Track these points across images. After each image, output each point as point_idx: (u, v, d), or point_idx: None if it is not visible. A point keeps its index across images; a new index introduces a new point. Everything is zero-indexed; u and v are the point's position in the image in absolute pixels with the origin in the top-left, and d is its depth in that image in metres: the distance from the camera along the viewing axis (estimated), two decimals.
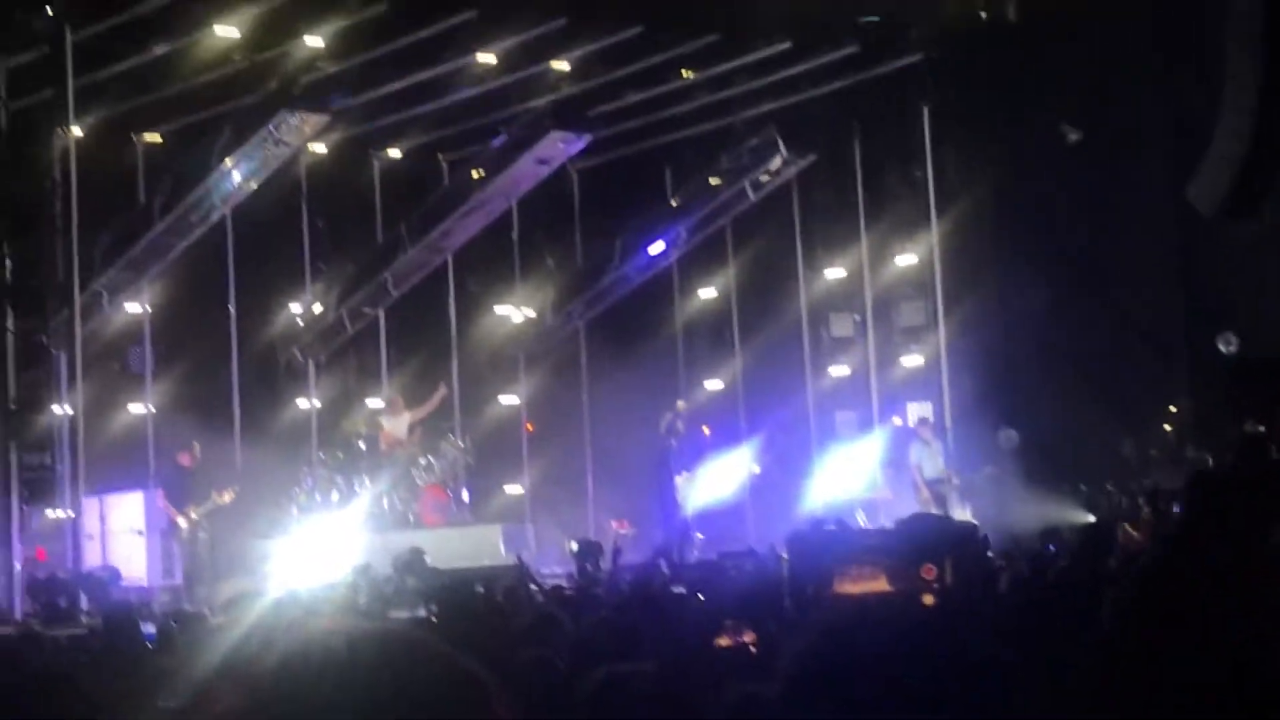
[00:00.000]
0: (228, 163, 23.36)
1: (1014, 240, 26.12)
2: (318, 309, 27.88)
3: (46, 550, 21.70)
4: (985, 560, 14.66)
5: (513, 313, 29.35)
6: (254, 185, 24.03)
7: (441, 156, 28.86)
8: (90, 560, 22.29)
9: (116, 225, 24.30)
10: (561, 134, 25.10)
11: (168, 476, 23.97)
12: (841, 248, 28.66)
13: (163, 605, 20.58)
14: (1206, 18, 19.91)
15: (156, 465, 25.08)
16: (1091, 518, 22.34)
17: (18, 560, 21.13)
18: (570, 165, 28.26)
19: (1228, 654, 2.88)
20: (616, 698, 5.72)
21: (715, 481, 26.27)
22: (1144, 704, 2.93)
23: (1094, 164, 25.28)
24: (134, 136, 25.81)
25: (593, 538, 23.70)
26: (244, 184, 23.86)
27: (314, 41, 22.59)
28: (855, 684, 2.59)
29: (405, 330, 28.85)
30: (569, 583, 19.32)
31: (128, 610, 14.27)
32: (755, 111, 27.15)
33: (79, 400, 21.63)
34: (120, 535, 24.04)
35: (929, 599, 12.11)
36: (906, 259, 27.81)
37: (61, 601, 19.91)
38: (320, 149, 26.72)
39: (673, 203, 29.05)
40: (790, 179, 28.44)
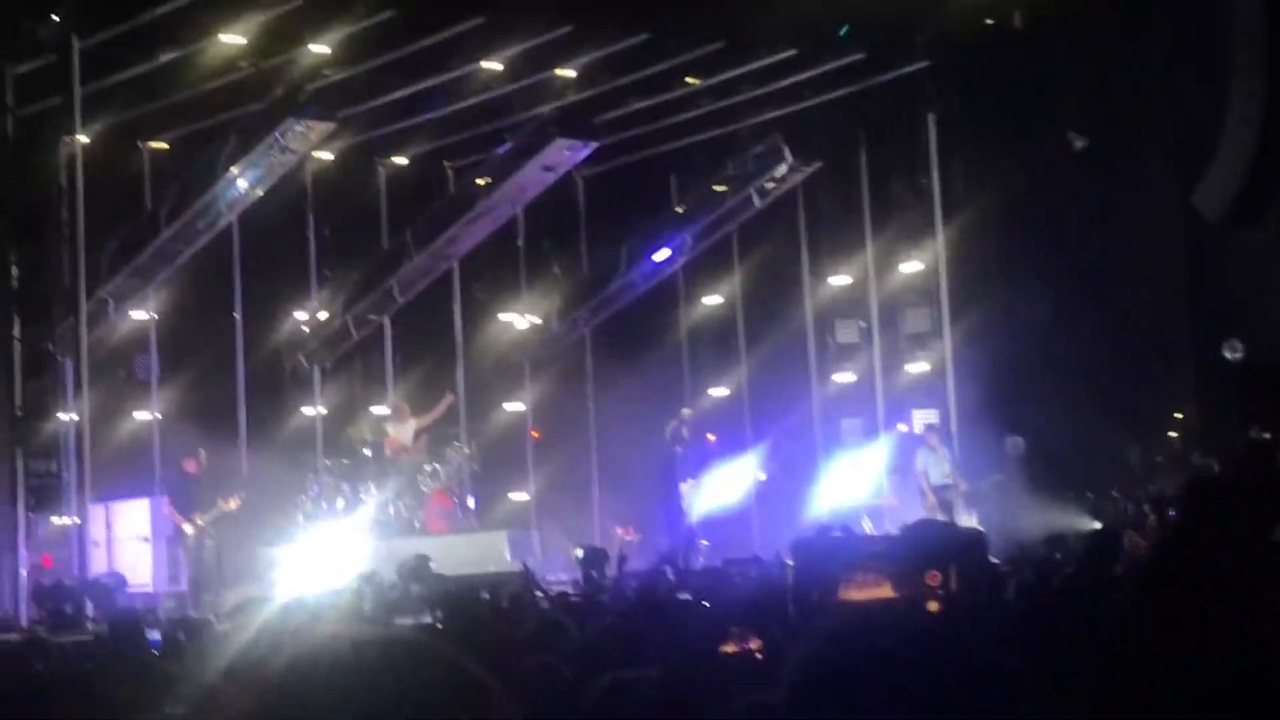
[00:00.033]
0: (234, 170, 23.35)
1: (1020, 247, 26.08)
2: (323, 316, 27.87)
3: (52, 557, 21.68)
4: (990, 567, 14.66)
5: (518, 320, 29.32)
6: (260, 192, 24.01)
7: (447, 163, 28.85)
8: (96, 567, 22.28)
9: (123, 232, 24.29)
10: (567, 141, 25.08)
11: (174, 483, 23.96)
12: (847, 255, 28.64)
13: (168, 612, 20.61)
14: (1212, 25, 19.92)
15: (162, 472, 25.08)
16: (1097, 525, 22.31)
17: (24, 567, 21.16)
18: (576, 172, 28.24)
19: (1228, 659, 2.88)
20: (622, 704, 5.71)
21: (721, 488, 26.25)
22: (1145, 709, 2.93)
23: (1100, 171, 25.26)
24: (140, 144, 25.82)
25: (598, 544, 23.71)
26: (250, 191, 23.84)
27: (320, 49, 22.61)
28: (860, 690, 2.59)
29: (411, 337, 28.84)
30: (574, 589, 19.31)
31: (133, 617, 14.28)
32: (761, 119, 27.10)
33: (85, 407, 21.61)
34: (126, 542, 24.06)
35: (934, 605, 12.10)
36: (912, 266, 27.78)
37: (67, 608, 19.91)
38: (326, 156, 26.70)
39: (678, 210, 29.04)
40: (796, 186, 28.41)
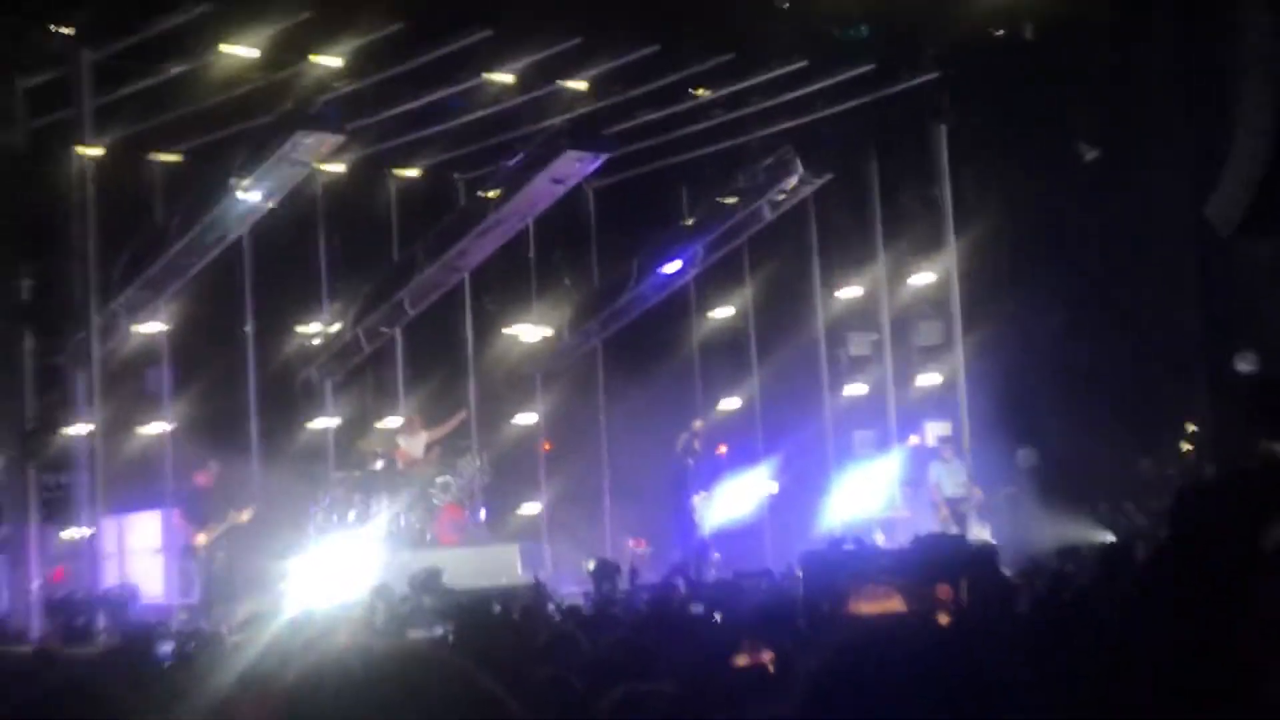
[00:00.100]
0: (244, 182, 23.32)
1: (1031, 259, 26.08)
2: (334, 328, 27.87)
3: (65, 570, 21.71)
4: (1001, 579, 14.63)
5: (529, 332, 29.30)
6: (270, 205, 24.00)
7: (457, 176, 28.86)
8: (108, 580, 22.29)
9: (133, 245, 24.27)
10: (577, 153, 25.05)
11: (185, 496, 23.94)
12: (859, 267, 28.62)
13: (180, 624, 20.59)
14: (1223, 36, 19.91)
15: (174, 484, 25.04)
16: (1110, 537, 22.30)
17: (36, 580, 21.17)
18: (586, 184, 28.24)
19: (1223, 662, 2.88)
20: (633, 717, 5.71)
21: (732, 501, 26.24)
22: (1146, 712, 2.93)
23: (1111, 182, 25.25)
24: (151, 156, 25.83)
25: (610, 557, 23.68)
26: (260, 204, 23.82)
27: (330, 61, 22.61)
28: (870, 703, 2.59)
29: (422, 350, 28.82)
30: (586, 602, 19.28)
31: (145, 629, 14.31)
32: (771, 130, 27.05)
33: (97, 420, 21.63)
34: (138, 555, 24.08)
35: (944, 618, 12.08)
36: (924, 278, 27.77)
37: (79, 621, 19.92)
38: (336, 169, 26.73)
39: (689, 222, 29.01)
40: (807, 198, 28.40)
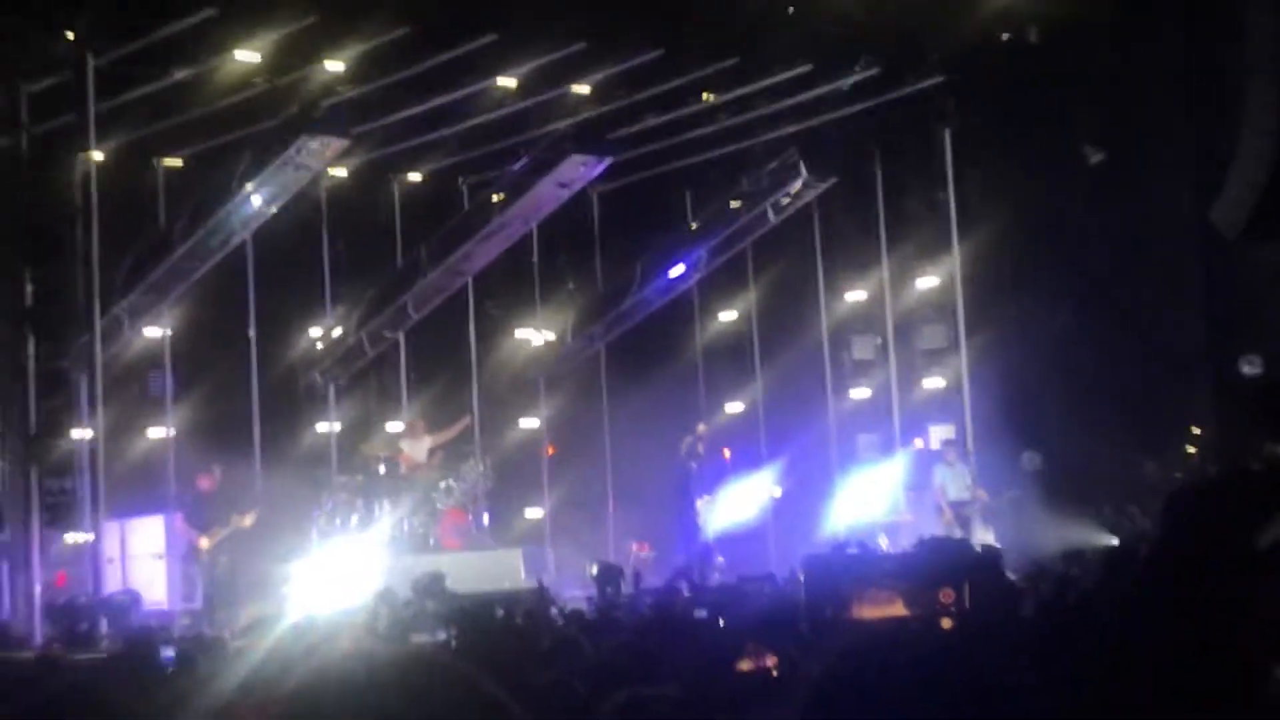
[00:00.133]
0: (248, 187, 23.34)
1: (1036, 262, 26.05)
2: (338, 332, 27.88)
3: (67, 574, 21.69)
4: (1005, 583, 14.60)
5: (533, 336, 29.33)
6: (274, 209, 23.99)
7: (461, 180, 28.87)
8: (111, 584, 22.27)
9: (137, 249, 24.30)
10: (582, 157, 25.06)
11: (188, 500, 23.93)
12: (862, 270, 28.62)
13: (183, 629, 20.62)
14: (1228, 39, 19.89)
15: (177, 489, 25.05)
16: (1114, 540, 22.26)
17: (38, 584, 21.16)
18: (590, 188, 28.24)
19: (1219, 661, 2.87)
20: None
21: (736, 505, 26.22)
22: (1147, 713, 2.92)
23: (1116, 185, 25.23)
24: (155, 161, 25.86)
25: (613, 561, 23.69)
26: (264, 208, 23.82)
27: (334, 66, 22.62)
28: (873, 708, 2.57)
29: (425, 354, 28.84)
30: (589, 606, 19.26)
31: (147, 634, 14.29)
32: (776, 134, 27.07)
33: (100, 424, 21.62)
34: (141, 559, 24.06)
35: (946, 623, 12.07)
36: (928, 281, 27.75)
37: (82, 626, 19.90)
38: (340, 173, 26.75)
39: (693, 226, 29.03)
40: (811, 202, 28.38)
